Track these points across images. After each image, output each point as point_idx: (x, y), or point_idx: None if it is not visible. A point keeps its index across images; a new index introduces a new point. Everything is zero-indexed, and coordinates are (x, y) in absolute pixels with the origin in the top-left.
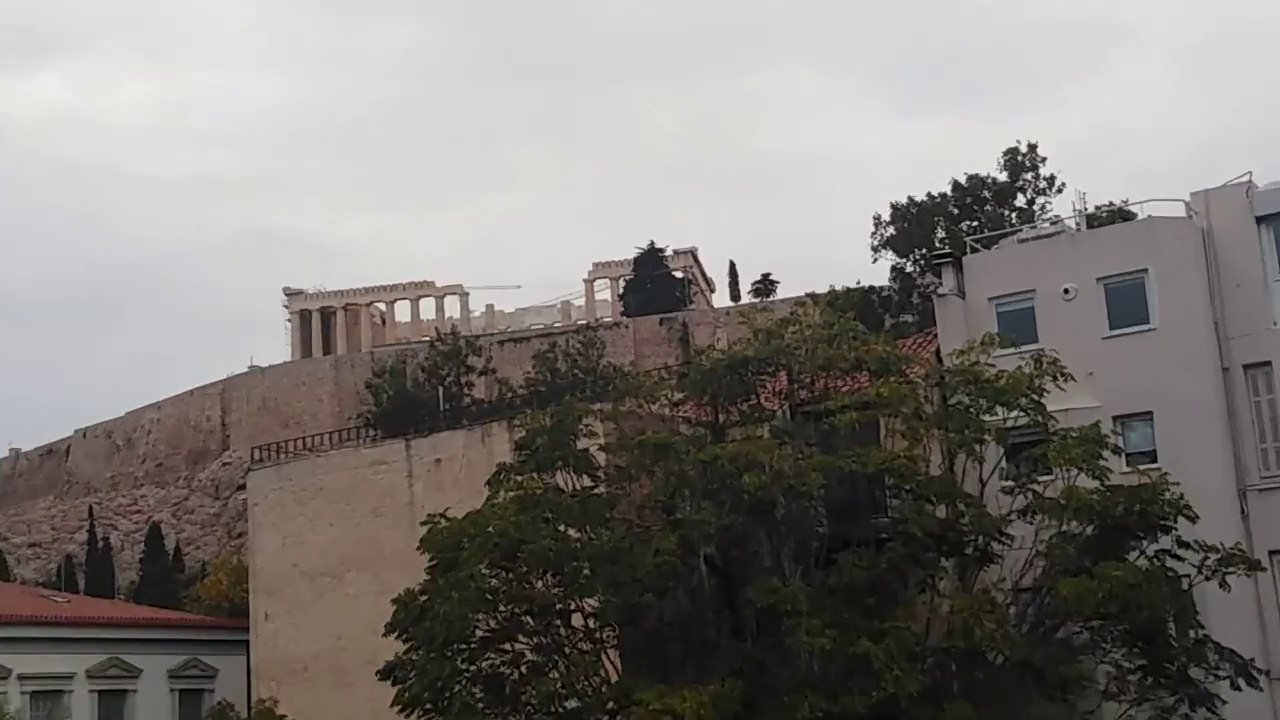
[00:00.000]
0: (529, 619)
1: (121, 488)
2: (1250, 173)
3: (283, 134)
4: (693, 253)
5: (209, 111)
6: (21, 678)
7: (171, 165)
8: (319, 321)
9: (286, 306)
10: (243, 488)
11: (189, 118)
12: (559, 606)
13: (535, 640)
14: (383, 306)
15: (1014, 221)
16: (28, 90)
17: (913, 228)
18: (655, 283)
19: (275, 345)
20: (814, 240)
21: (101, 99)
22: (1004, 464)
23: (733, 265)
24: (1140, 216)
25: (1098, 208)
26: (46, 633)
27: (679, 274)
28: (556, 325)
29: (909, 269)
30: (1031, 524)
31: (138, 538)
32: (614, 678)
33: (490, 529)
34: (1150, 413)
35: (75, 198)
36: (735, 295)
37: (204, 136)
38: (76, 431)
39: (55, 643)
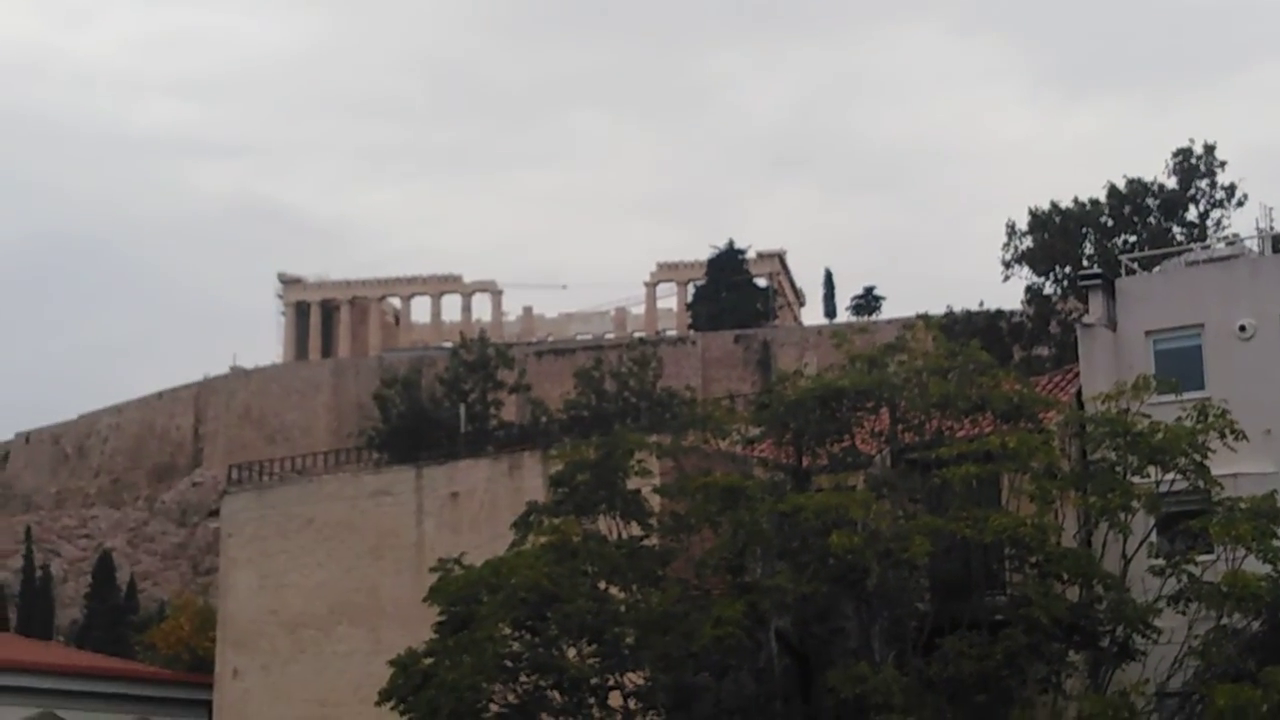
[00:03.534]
0: (557, 694)
1: (68, 506)
2: None
3: (284, 86)
4: (780, 257)
5: (194, 53)
6: None
7: (145, 117)
8: (318, 316)
9: (280, 297)
10: (215, 514)
11: (169, 60)
12: (595, 681)
13: None
14: (397, 302)
15: (1182, 239)
16: None
17: (1055, 240)
18: (732, 291)
19: (264, 343)
20: (930, 250)
21: (70, 32)
22: (1154, 538)
23: (829, 275)
24: None
25: None
26: None
27: (762, 282)
28: (608, 336)
29: (1048, 291)
30: (1184, 615)
31: (84, 568)
32: None
33: (515, 581)
34: None
35: (21, 149)
36: (830, 312)
37: (186, 83)
38: (18, 435)
39: None
